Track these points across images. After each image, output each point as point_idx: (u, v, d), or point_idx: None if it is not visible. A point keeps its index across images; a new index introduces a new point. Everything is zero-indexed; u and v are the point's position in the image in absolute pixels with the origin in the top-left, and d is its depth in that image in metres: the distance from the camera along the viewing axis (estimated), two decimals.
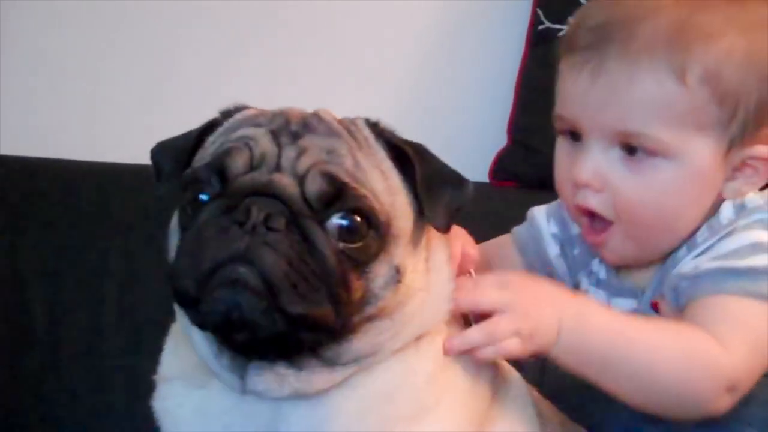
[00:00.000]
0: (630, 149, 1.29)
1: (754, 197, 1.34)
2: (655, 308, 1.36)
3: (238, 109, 1.20)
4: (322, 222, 1.08)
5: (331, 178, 1.08)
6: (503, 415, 1.23)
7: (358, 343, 1.11)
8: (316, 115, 1.16)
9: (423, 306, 1.15)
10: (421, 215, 1.15)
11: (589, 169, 1.31)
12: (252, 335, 1.06)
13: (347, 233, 1.08)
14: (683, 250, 1.34)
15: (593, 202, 1.32)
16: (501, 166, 2.25)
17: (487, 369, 1.23)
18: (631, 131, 1.28)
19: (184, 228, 1.11)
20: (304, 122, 1.13)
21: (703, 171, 1.30)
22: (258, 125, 1.13)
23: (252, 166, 1.09)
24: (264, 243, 1.04)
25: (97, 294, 2.03)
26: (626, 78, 1.27)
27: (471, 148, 2.29)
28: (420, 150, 1.16)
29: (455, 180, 1.17)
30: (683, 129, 1.28)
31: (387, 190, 1.12)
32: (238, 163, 1.09)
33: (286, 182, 1.07)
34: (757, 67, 1.30)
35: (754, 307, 1.25)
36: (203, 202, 1.10)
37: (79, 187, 2.12)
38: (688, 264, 1.31)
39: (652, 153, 1.29)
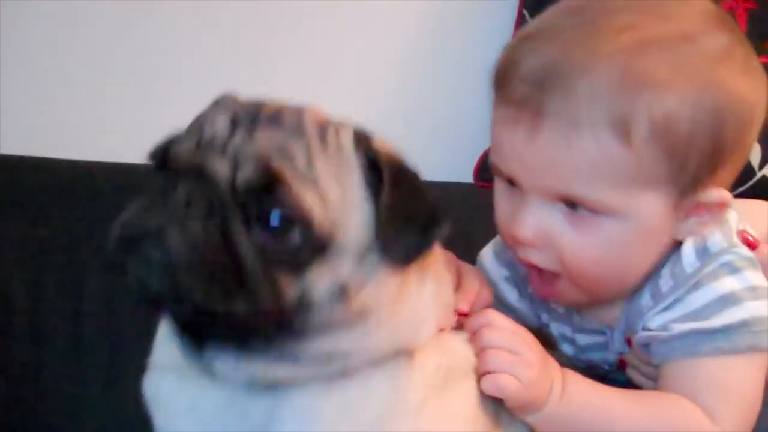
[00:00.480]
0: (573, 205, 1.21)
1: (716, 239, 1.27)
2: (629, 344, 1.34)
3: (230, 97, 1.15)
4: (246, 214, 1.02)
5: (267, 169, 1.03)
6: None
7: (314, 345, 1.08)
8: (297, 110, 1.10)
9: (398, 317, 1.12)
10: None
11: (530, 227, 1.23)
12: (170, 315, 1.05)
13: (273, 231, 1.02)
14: (647, 297, 1.29)
15: (536, 259, 1.26)
16: (486, 167, 2.24)
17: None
18: (572, 195, 1.20)
19: None
20: (275, 114, 1.08)
21: (652, 225, 1.22)
22: (227, 110, 1.09)
23: (199, 148, 1.06)
24: (177, 225, 1.00)
25: (79, 291, 1.99)
26: (565, 141, 1.16)
27: (456, 149, 2.28)
28: (400, 176, 1.10)
29: (427, 221, 1.10)
30: (629, 188, 1.18)
31: (341, 202, 1.06)
32: (184, 144, 1.06)
33: (219, 166, 1.03)
34: (710, 113, 1.18)
35: (733, 364, 1.22)
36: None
37: (63, 184, 2.09)
38: (656, 319, 1.26)
39: (596, 212, 1.21)
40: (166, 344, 1.19)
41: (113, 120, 2.34)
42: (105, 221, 1.96)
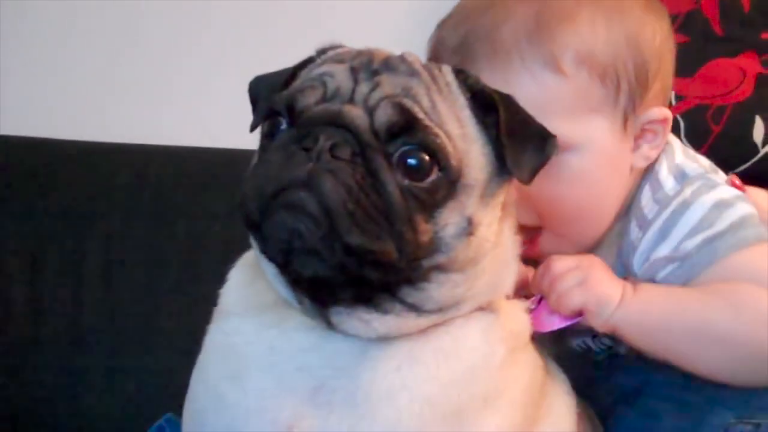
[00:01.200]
0: None
1: (688, 163, 1.36)
2: None
3: (333, 48, 1.20)
4: (389, 156, 1.05)
5: (402, 109, 1.06)
6: (550, 413, 1.22)
7: (436, 292, 1.10)
8: (401, 56, 1.15)
9: (495, 263, 1.15)
10: (499, 170, 1.13)
11: None
12: (313, 268, 1.04)
13: (414, 171, 1.05)
14: (635, 230, 1.34)
15: (518, 217, 1.27)
16: None
17: (540, 366, 1.23)
18: None
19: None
20: (386, 61, 1.13)
21: (608, 150, 1.31)
22: (341, 62, 1.13)
23: (325, 100, 1.08)
24: (327, 170, 1.02)
25: (77, 275, 1.99)
26: (503, 85, 1.22)
27: None
28: (507, 99, 1.14)
29: (541, 134, 1.14)
30: (576, 117, 1.29)
31: (462, 137, 1.10)
32: (309, 98, 1.09)
33: (355, 113, 1.06)
34: (623, 35, 1.31)
35: (752, 254, 1.27)
36: (282, 132, 1.09)
37: (60, 166, 2.08)
38: (663, 248, 1.30)
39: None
40: (240, 291, 1.20)
41: (112, 101, 2.33)
42: (104, 200, 2.02)
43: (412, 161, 1.06)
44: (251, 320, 1.15)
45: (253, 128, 1.17)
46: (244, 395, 1.11)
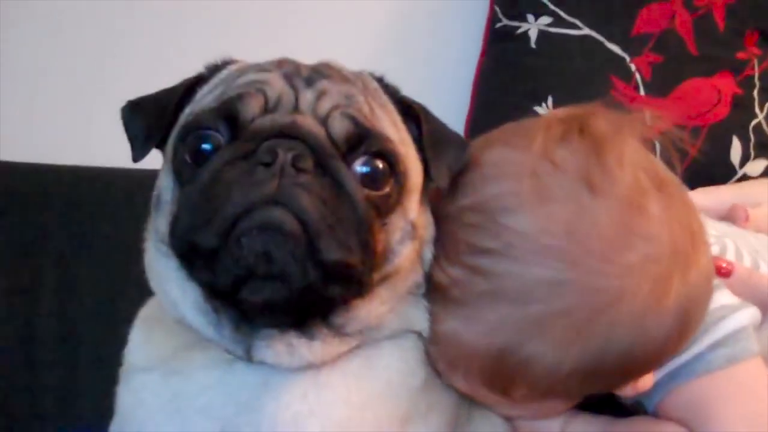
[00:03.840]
0: None
1: None
2: None
3: (225, 63, 1.14)
4: (350, 166, 1.03)
5: (354, 120, 1.04)
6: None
7: (364, 310, 1.05)
8: (324, 63, 1.11)
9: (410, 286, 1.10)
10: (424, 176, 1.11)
11: None
12: (274, 292, 0.98)
13: (371, 179, 1.03)
14: None
15: None
16: None
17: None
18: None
19: (184, 182, 1.02)
20: (314, 69, 1.09)
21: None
22: (266, 70, 1.07)
23: (267, 110, 1.02)
24: (297, 184, 0.96)
25: (32, 304, 1.90)
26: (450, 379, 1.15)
27: None
28: (425, 108, 1.14)
29: (457, 140, 1.14)
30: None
31: (402, 142, 1.08)
32: (251, 106, 1.02)
33: (310, 123, 1.02)
34: (607, 360, 1.06)
35: (725, 376, 1.14)
36: (208, 152, 1.01)
37: (12, 188, 1.98)
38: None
39: None
40: (143, 346, 1.13)
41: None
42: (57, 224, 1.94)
43: (372, 170, 1.03)
44: (156, 372, 1.09)
45: (139, 157, 1.09)
46: None
